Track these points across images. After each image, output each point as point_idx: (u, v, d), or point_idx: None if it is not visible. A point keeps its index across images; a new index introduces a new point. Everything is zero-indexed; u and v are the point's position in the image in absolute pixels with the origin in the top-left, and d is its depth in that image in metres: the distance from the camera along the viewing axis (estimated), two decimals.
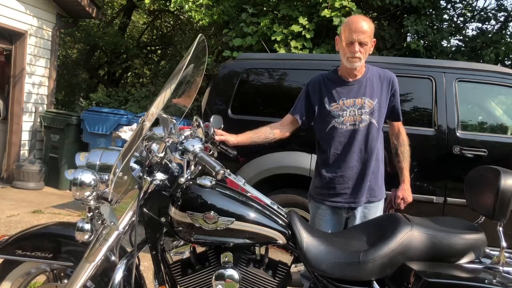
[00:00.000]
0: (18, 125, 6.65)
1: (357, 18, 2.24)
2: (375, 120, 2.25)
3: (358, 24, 2.17)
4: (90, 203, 1.66)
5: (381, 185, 2.35)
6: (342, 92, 2.28)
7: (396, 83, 2.32)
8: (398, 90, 2.34)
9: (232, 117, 3.66)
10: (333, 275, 1.67)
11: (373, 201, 2.31)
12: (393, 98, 2.32)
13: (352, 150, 2.25)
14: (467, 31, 8.69)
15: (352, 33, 2.17)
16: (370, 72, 2.32)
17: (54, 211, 5.25)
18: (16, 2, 6.29)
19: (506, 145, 3.34)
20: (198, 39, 1.80)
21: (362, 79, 2.29)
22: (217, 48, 6.87)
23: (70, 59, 13.11)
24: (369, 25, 2.20)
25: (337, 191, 2.28)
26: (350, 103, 2.26)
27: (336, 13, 5.79)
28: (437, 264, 1.65)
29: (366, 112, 2.24)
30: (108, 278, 1.74)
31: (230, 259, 1.73)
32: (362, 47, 2.18)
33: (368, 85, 2.27)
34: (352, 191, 2.26)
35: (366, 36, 2.17)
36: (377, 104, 2.26)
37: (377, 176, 2.32)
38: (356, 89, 2.27)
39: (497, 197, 1.70)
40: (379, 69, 2.35)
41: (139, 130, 1.66)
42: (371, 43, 2.22)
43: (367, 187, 2.27)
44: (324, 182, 2.31)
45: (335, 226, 2.31)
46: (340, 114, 2.26)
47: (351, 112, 2.25)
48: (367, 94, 2.26)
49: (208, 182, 1.72)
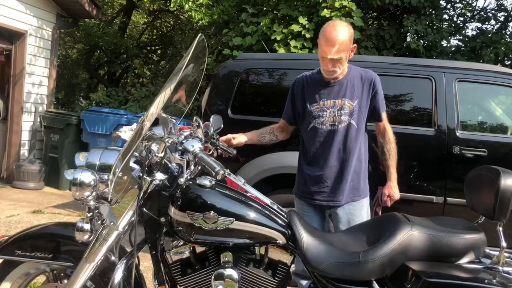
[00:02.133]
0: (18, 125, 6.65)
1: (330, 31, 2.16)
2: (354, 121, 2.27)
3: (331, 40, 2.13)
4: (89, 203, 1.66)
5: (364, 184, 2.37)
6: (323, 93, 2.31)
7: (378, 83, 2.32)
8: (380, 90, 2.33)
9: (232, 117, 3.65)
10: (333, 275, 1.66)
11: (356, 200, 2.33)
12: (373, 99, 2.32)
13: (331, 150, 2.28)
14: (467, 31, 8.68)
15: (324, 48, 2.16)
16: (352, 72, 2.33)
17: (54, 211, 5.25)
18: (16, 2, 6.29)
19: (506, 145, 3.33)
20: (198, 38, 1.80)
21: (343, 80, 2.30)
22: (217, 48, 6.87)
23: (70, 59, 13.12)
24: (344, 36, 2.14)
25: (317, 189, 2.32)
26: (330, 104, 2.29)
27: (336, 13, 5.79)
28: (437, 264, 1.65)
29: (345, 113, 2.27)
30: (107, 278, 1.74)
31: (230, 259, 1.73)
32: (336, 61, 2.18)
33: (349, 86, 2.29)
34: (331, 190, 2.29)
35: (339, 50, 2.13)
36: (357, 105, 2.28)
37: (360, 175, 2.34)
38: (337, 90, 2.30)
39: (497, 197, 1.70)
40: (361, 70, 2.35)
41: (138, 130, 1.66)
42: (347, 53, 2.20)
43: (349, 186, 2.30)
44: (305, 180, 2.37)
45: (319, 222, 2.35)
46: (321, 115, 2.30)
47: (330, 113, 2.28)
48: (347, 95, 2.28)
49: (208, 182, 1.72)
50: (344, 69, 2.30)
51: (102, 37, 9.99)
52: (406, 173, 3.31)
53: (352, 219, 2.28)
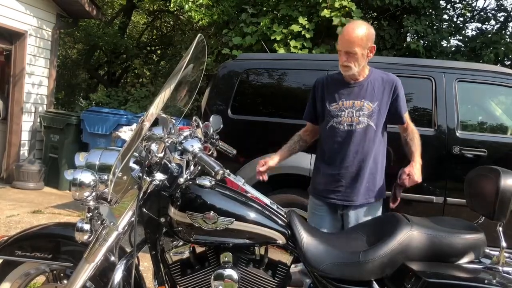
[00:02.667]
0: (18, 125, 6.65)
1: (349, 26, 2.26)
2: (373, 122, 2.27)
3: (347, 33, 2.21)
4: (89, 204, 1.65)
5: (379, 186, 2.35)
6: (343, 93, 2.33)
7: (399, 87, 2.32)
8: (402, 94, 2.33)
9: (231, 117, 3.66)
10: (333, 275, 1.66)
11: (369, 203, 2.32)
12: (395, 102, 2.32)
13: (348, 150, 2.28)
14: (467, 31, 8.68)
15: (340, 42, 2.24)
16: (373, 75, 2.34)
17: (54, 211, 5.25)
18: (16, 2, 6.29)
19: (506, 145, 3.34)
20: (198, 39, 1.80)
21: (364, 81, 2.32)
22: (217, 48, 6.87)
23: (70, 59, 13.11)
24: (360, 32, 2.19)
25: (332, 188, 2.32)
26: (349, 104, 2.30)
27: (336, 13, 5.79)
28: (436, 264, 1.64)
29: (364, 114, 2.27)
30: (107, 278, 1.74)
31: (230, 259, 1.73)
32: (350, 56, 2.21)
33: (369, 88, 2.30)
34: (346, 189, 2.29)
35: (354, 45, 2.18)
36: (377, 107, 2.28)
37: (376, 177, 2.33)
38: (357, 91, 2.31)
39: (497, 197, 1.70)
40: (383, 73, 2.37)
41: (138, 130, 1.66)
42: (363, 51, 2.22)
43: (364, 187, 2.29)
44: (321, 179, 2.38)
45: (330, 222, 2.35)
46: (339, 114, 2.31)
47: (349, 113, 2.29)
48: (367, 97, 2.29)
49: (208, 182, 1.72)
50: (364, 71, 2.33)
51: (102, 37, 9.98)
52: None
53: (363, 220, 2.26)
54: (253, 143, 3.63)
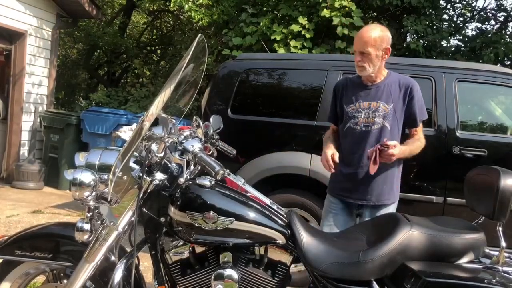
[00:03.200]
0: (18, 125, 6.64)
1: (364, 28, 2.36)
2: (388, 123, 2.32)
3: (361, 34, 2.30)
4: (89, 203, 1.65)
5: (392, 189, 2.38)
6: (360, 95, 2.39)
7: (415, 90, 2.35)
8: (418, 97, 2.36)
9: (231, 117, 3.66)
10: (333, 275, 1.66)
11: (384, 204, 2.35)
12: (410, 104, 2.35)
13: (364, 150, 2.31)
14: (467, 31, 8.68)
15: (355, 43, 2.32)
16: (390, 78, 2.40)
17: (54, 211, 5.25)
18: (16, 2, 6.29)
19: (506, 145, 3.34)
20: (198, 39, 1.80)
21: (381, 84, 2.38)
22: (217, 48, 6.87)
23: (70, 59, 13.11)
24: (374, 34, 2.27)
25: (348, 187, 2.38)
26: (365, 106, 2.36)
27: (336, 13, 5.79)
28: (436, 264, 1.65)
29: (379, 116, 2.33)
30: (107, 278, 1.74)
31: (230, 259, 1.73)
32: (364, 56, 2.27)
33: (386, 90, 2.35)
34: (361, 189, 2.34)
35: (367, 45, 2.25)
36: (393, 108, 2.33)
37: (388, 179, 2.36)
38: (373, 93, 2.37)
39: (497, 197, 1.70)
40: (400, 76, 2.42)
41: (138, 130, 1.66)
42: (378, 51, 2.28)
43: (380, 188, 2.33)
44: (338, 178, 2.44)
45: (345, 221, 2.40)
46: (356, 116, 2.37)
47: (365, 114, 2.35)
48: (383, 98, 2.34)
49: (208, 182, 1.71)
50: (381, 73, 2.39)
51: (102, 37, 9.98)
52: (406, 173, 3.30)
53: None
54: (253, 143, 3.63)
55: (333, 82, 3.45)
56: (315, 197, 3.43)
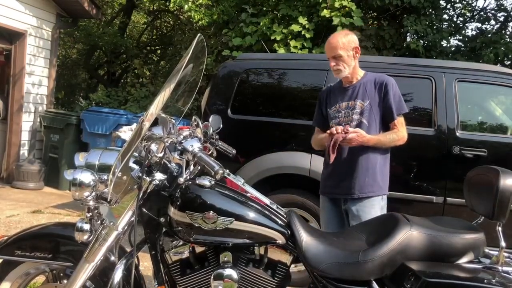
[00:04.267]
0: (18, 125, 6.64)
1: (330, 36, 2.51)
2: (365, 119, 2.44)
3: (329, 42, 2.48)
4: (89, 203, 1.65)
5: (375, 181, 2.44)
6: (340, 96, 2.55)
7: (390, 84, 2.44)
8: (393, 92, 2.44)
9: (231, 117, 3.66)
10: (332, 275, 1.66)
11: (369, 196, 2.42)
12: (385, 98, 2.44)
13: (343, 147, 2.42)
14: (467, 31, 8.68)
15: (326, 51, 2.51)
16: (366, 77, 2.53)
17: (54, 211, 5.25)
18: (16, 2, 6.29)
19: (506, 145, 3.34)
20: (197, 39, 1.80)
21: (357, 84, 2.51)
22: (216, 48, 6.86)
23: (70, 59, 13.11)
24: (340, 38, 2.44)
25: (333, 183, 2.50)
26: (344, 106, 2.51)
27: (336, 13, 5.79)
28: (436, 264, 1.65)
29: (356, 112, 2.45)
30: (107, 278, 1.73)
31: (229, 259, 1.73)
32: (338, 59, 2.44)
33: (361, 88, 2.48)
34: (345, 183, 2.44)
35: (337, 49, 2.42)
36: (369, 104, 2.44)
37: (375, 172, 2.44)
38: (350, 93, 2.51)
39: (496, 197, 1.70)
40: (376, 74, 2.54)
41: (138, 130, 1.66)
42: (348, 52, 2.44)
43: (362, 181, 2.41)
44: (325, 176, 2.58)
45: (337, 217, 2.53)
46: (337, 116, 2.52)
47: (345, 113, 2.49)
48: (359, 96, 2.47)
49: (207, 182, 1.71)
50: (357, 73, 2.53)
51: (101, 37, 9.98)
52: (406, 173, 3.31)
53: (363, 216, 2.37)
54: (253, 143, 3.63)
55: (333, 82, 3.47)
56: (315, 197, 3.42)
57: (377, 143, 2.39)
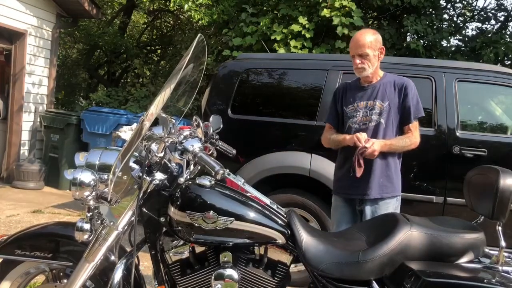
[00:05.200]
0: (18, 125, 6.65)
1: (357, 33, 2.51)
2: (383, 120, 2.45)
3: (356, 39, 2.46)
4: (89, 203, 1.65)
5: (391, 182, 2.47)
6: (358, 95, 2.54)
7: (409, 88, 2.47)
8: (413, 95, 2.47)
9: (232, 117, 3.66)
10: (332, 275, 1.66)
11: (384, 198, 2.44)
12: (404, 101, 2.46)
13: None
14: (467, 31, 8.68)
15: (352, 48, 2.48)
16: (386, 78, 2.54)
17: (54, 211, 5.26)
18: (16, 2, 6.29)
19: (506, 145, 3.33)
20: (198, 39, 1.80)
21: (377, 84, 2.52)
22: (217, 48, 6.87)
23: (70, 59, 13.11)
24: (369, 36, 2.44)
25: (348, 183, 2.49)
26: (363, 105, 2.51)
27: (336, 12, 5.79)
28: (436, 264, 1.65)
29: (375, 113, 2.47)
30: (107, 277, 1.74)
31: (229, 259, 1.73)
32: (364, 58, 2.43)
33: (381, 89, 2.50)
34: (361, 184, 2.43)
35: (364, 48, 2.41)
36: (388, 106, 2.45)
37: (389, 174, 2.46)
38: (370, 93, 2.51)
39: (496, 196, 1.70)
40: (395, 76, 2.55)
41: (138, 130, 1.66)
42: (374, 52, 2.44)
43: (378, 182, 2.43)
44: (339, 176, 2.58)
45: (351, 218, 2.53)
46: (354, 115, 2.52)
47: (363, 113, 2.50)
48: (379, 97, 2.48)
49: (208, 182, 1.72)
50: (378, 74, 2.54)
51: (102, 37, 9.98)
52: (406, 173, 3.30)
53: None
54: (253, 143, 3.63)
55: (333, 82, 3.48)
56: (315, 197, 3.44)
57: (389, 149, 2.41)
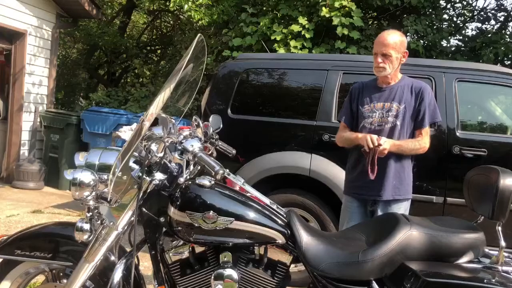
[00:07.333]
0: (18, 125, 6.64)
1: (385, 32, 2.51)
2: (399, 122, 2.46)
3: (381, 38, 2.47)
4: (89, 203, 1.65)
5: (403, 184, 2.48)
6: (375, 96, 2.54)
7: (426, 93, 2.47)
8: (429, 100, 2.47)
9: (231, 117, 3.66)
10: (332, 275, 1.66)
11: (397, 200, 2.45)
12: (419, 106, 2.47)
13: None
14: (467, 31, 8.68)
15: (376, 46, 2.48)
16: (404, 81, 2.55)
17: (54, 211, 5.25)
18: (16, 2, 6.29)
19: (506, 145, 3.33)
20: (197, 39, 1.80)
21: (394, 86, 2.53)
22: (216, 48, 6.87)
23: (70, 59, 13.10)
24: (394, 38, 2.45)
25: (361, 184, 2.49)
26: (379, 106, 2.51)
27: (336, 13, 5.79)
28: (436, 264, 1.65)
29: (392, 115, 2.47)
30: (107, 278, 1.74)
31: (229, 259, 1.73)
32: (386, 58, 2.43)
33: (399, 91, 2.50)
34: (374, 185, 2.43)
35: (388, 48, 2.41)
36: (404, 108, 2.46)
37: (402, 176, 2.47)
38: (387, 94, 2.52)
39: (496, 197, 1.70)
40: (413, 80, 2.57)
41: (138, 130, 1.66)
42: (397, 54, 2.45)
43: (391, 184, 2.44)
44: (352, 176, 2.57)
45: (361, 218, 2.52)
46: (370, 115, 2.51)
47: (379, 114, 2.49)
48: (396, 99, 2.49)
49: (207, 182, 1.71)
50: (397, 76, 2.54)
51: (102, 37, 9.98)
52: None
53: None
54: (253, 143, 3.63)
55: (333, 82, 3.48)
56: (315, 197, 3.44)
57: (397, 150, 2.41)
